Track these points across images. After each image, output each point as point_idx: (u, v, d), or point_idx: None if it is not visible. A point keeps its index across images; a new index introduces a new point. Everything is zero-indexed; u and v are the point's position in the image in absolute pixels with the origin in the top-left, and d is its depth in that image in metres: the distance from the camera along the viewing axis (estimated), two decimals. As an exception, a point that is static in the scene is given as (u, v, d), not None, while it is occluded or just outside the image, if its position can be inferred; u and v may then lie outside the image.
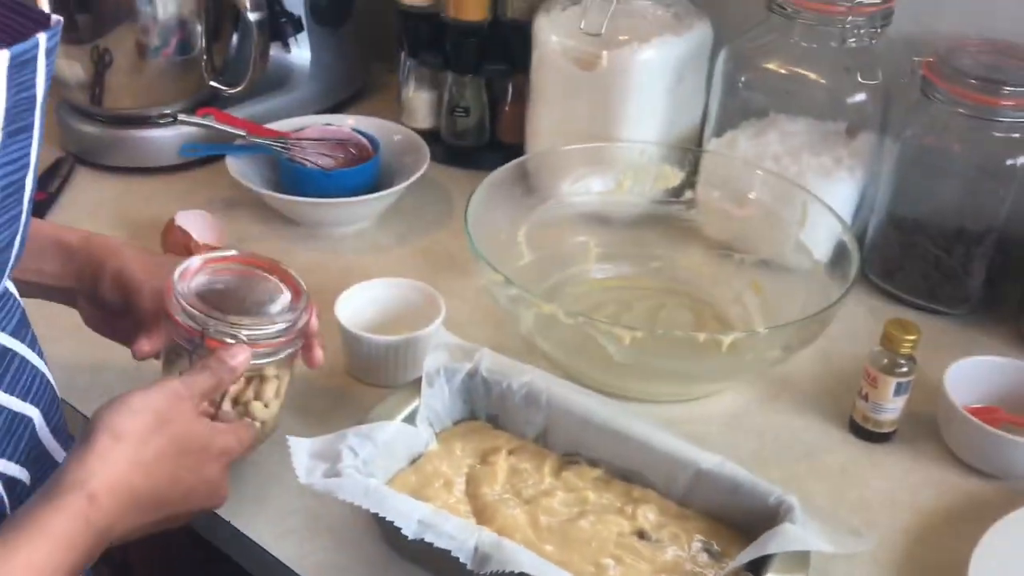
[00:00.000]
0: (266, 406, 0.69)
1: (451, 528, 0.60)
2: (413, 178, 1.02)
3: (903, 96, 0.94)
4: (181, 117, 0.97)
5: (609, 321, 0.74)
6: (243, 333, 0.65)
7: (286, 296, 0.69)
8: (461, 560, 0.59)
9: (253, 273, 0.71)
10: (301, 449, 0.65)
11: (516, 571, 0.57)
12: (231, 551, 0.72)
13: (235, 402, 0.68)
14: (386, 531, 0.66)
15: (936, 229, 0.94)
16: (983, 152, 0.89)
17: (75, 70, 1.08)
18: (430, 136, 1.15)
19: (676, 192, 0.99)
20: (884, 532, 0.73)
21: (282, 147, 1.02)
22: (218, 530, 0.72)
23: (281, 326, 0.67)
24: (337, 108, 1.23)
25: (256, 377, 0.68)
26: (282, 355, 0.69)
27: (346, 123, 1.08)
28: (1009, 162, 0.88)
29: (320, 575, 0.67)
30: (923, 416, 0.83)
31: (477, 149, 1.16)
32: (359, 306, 0.85)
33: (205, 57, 1.10)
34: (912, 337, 0.76)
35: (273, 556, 0.69)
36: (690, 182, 0.99)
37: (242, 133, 1.03)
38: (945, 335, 0.94)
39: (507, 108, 1.14)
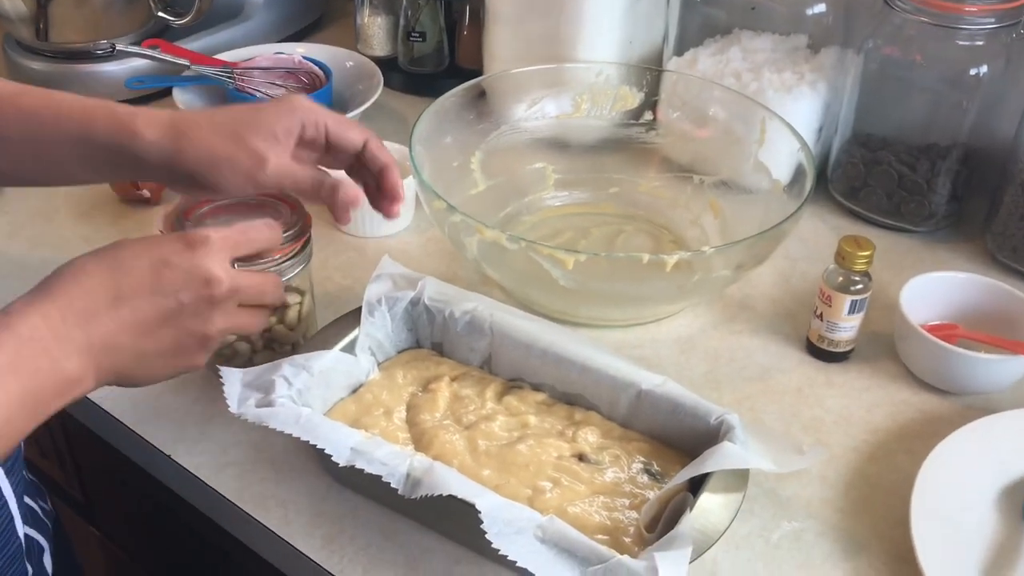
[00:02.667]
0: (291, 329, 0.71)
1: (382, 455, 0.59)
2: (366, 105, 0.99)
3: (865, 7, 0.91)
4: (120, 47, 0.95)
5: (552, 245, 0.72)
6: None
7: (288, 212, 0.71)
8: (392, 486, 0.58)
9: (258, 205, 0.71)
10: (233, 379, 0.64)
11: (446, 494, 0.56)
12: (173, 485, 0.72)
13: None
14: (325, 461, 0.65)
15: (901, 145, 0.91)
16: (946, 62, 0.86)
17: (17, 4, 1.05)
18: (388, 64, 1.13)
19: (635, 114, 0.97)
20: (836, 451, 0.72)
21: (229, 77, 0.99)
22: (159, 464, 0.71)
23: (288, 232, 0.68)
24: (294, 39, 1.20)
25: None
26: (290, 268, 0.69)
27: (296, 51, 1.05)
28: (972, 71, 0.85)
29: (260, 506, 0.67)
30: (882, 335, 0.81)
31: (436, 76, 1.12)
32: None
33: (152, -13, 1.07)
34: (866, 253, 0.74)
35: (213, 488, 0.68)
36: (649, 103, 0.96)
37: (186, 63, 1.00)
38: (910, 253, 0.92)
39: (465, 32, 1.11)
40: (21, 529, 0.63)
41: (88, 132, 0.65)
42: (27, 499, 0.66)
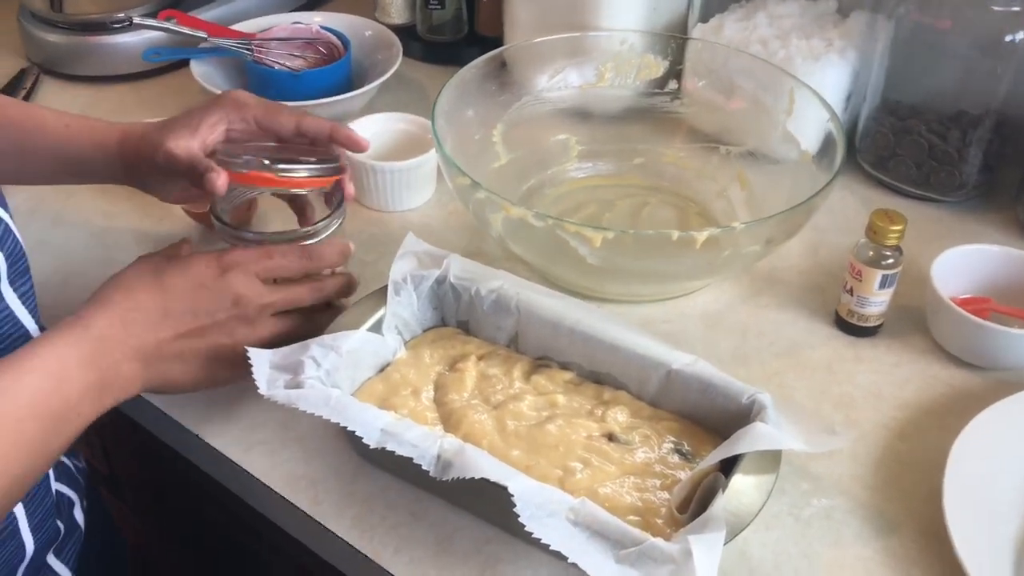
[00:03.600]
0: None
1: (413, 436, 0.59)
2: (386, 76, 0.98)
3: (897, -29, 0.89)
4: (137, 20, 0.93)
5: (580, 222, 0.71)
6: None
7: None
8: (423, 468, 0.58)
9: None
10: (262, 360, 0.64)
11: (478, 476, 0.56)
12: (200, 463, 0.72)
13: None
14: (353, 441, 0.64)
15: (931, 113, 0.89)
16: (980, 28, 0.84)
17: (31, -25, 1.03)
18: (406, 32, 1.11)
19: (660, 83, 0.95)
20: (866, 428, 0.71)
21: (247, 49, 0.98)
22: (187, 442, 0.71)
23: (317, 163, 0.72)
24: (310, 6, 1.18)
25: None
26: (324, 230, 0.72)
27: (314, 21, 1.04)
28: (1008, 38, 0.83)
29: (289, 486, 0.67)
30: (912, 309, 0.80)
31: (455, 44, 1.11)
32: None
33: (166, -42, 1.05)
34: (898, 227, 0.73)
35: (242, 468, 0.68)
36: (674, 72, 0.94)
37: (204, 35, 0.98)
38: (940, 224, 0.90)
39: None
40: (54, 486, 0.66)
41: (66, 145, 0.73)
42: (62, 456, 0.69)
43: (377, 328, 0.70)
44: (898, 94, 0.91)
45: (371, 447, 0.59)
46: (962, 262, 0.78)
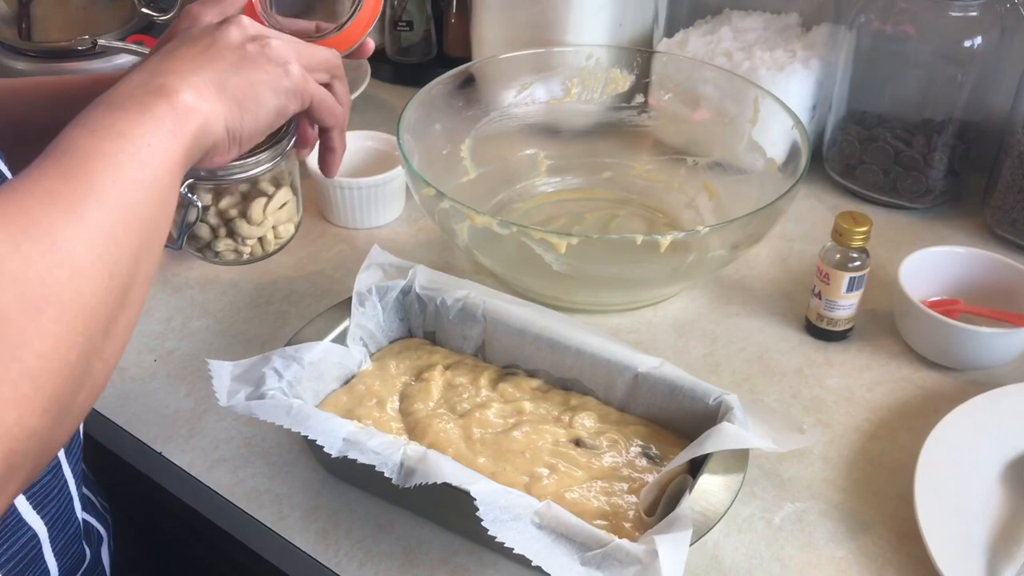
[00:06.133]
0: (253, 224, 0.71)
1: (376, 444, 0.58)
2: (354, 95, 0.98)
3: (857, -19, 0.90)
4: (102, 43, 0.93)
5: (544, 229, 0.70)
6: None
7: None
8: (386, 475, 0.57)
9: None
10: (223, 372, 0.63)
11: (440, 481, 0.55)
12: (164, 482, 0.71)
13: (224, 219, 0.70)
14: (318, 453, 0.64)
15: (896, 121, 0.90)
16: (940, 35, 0.85)
17: (-1, 4, 1.04)
18: (376, 55, 1.10)
19: (626, 97, 0.95)
20: (837, 430, 0.71)
21: (214, 71, 0.98)
22: (150, 461, 0.70)
23: None
24: (280, 32, 1.18)
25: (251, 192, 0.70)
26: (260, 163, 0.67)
27: (282, 44, 1.04)
28: (967, 43, 0.84)
29: (255, 502, 0.65)
30: (881, 313, 0.80)
31: (424, 65, 1.11)
32: None
33: (134, -18, 1.06)
34: (863, 229, 0.73)
35: (206, 485, 0.67)
36: (641, 86, 0.95)
37: (171, 58, 0.98)
38: (908, 230, 0.91)
39: (452, 20, 1.10)
40: (80, 514, 0.63)
41: (63, 86, 0.68)
42: (84, 489, 0.66)
43: (341, 340, 0.69)
44: (863, 103, 0.92)
45: (333, 456, 0.58)
46: (929, 264, 0.78)
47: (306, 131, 0.68)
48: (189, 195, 0.66)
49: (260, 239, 0.74)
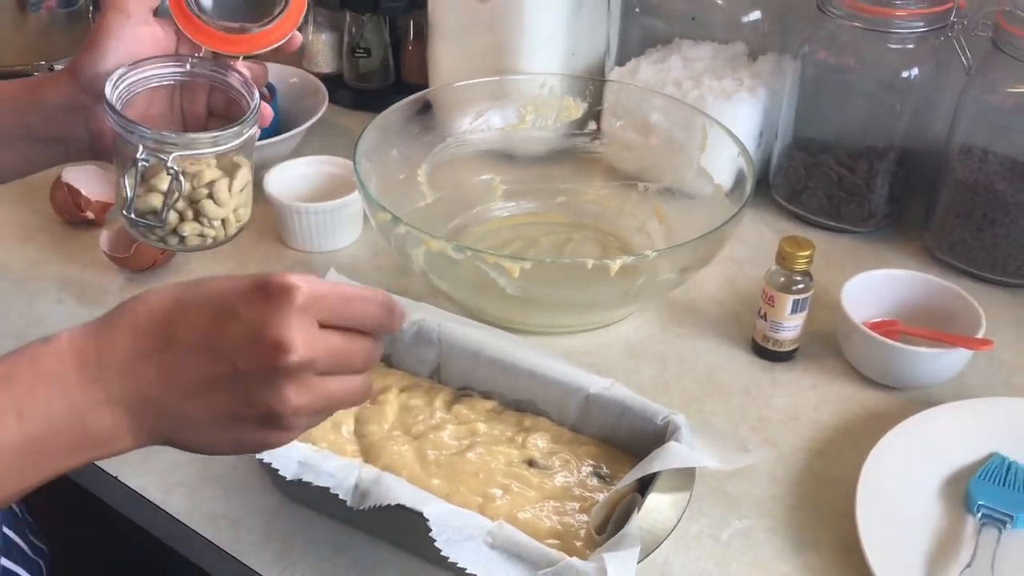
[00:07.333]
0: (220, 206, 0.66)
1: (330, 467, 0.59)
2: (311, 121, 0.99)
3: (800, 14, 0.93)
4: (59, 68, 0.93)
5: (498, 254, 0.72)
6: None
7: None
8: (341, 497, 0.58)
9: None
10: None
11: (394, 503, 0.56)
12: (121, 508, 0.70)
13: (191, 201, 0.65)
14: (274, 478, 0.64)
15: (840, 148, 0.93)
16: (879, 66, 0.88)
17: (-47, 29, 1.04)
18: (334, 81, 1.13)
19: (580, 124, 0.98)
20: (784, 449, 0.73)
21: (172, 97, 0.98)
22: (106, 486, 0.70)
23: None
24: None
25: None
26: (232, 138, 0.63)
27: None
28: (904, 74, 0.87)
29: (211, 525, 0.66)
30: (826, 335, 0.83)
31: (382, 91, 1.13)
32: (286, 182, 0.92)
33: (91, 8, 1.06)
34: (806, 253, 0.76)
35: (163, 510, 0.67)
36: (593, 113, 0.97)
37: (129, 84, 0.99)
38: (852, 254, 0.94)
39: (410, 48, 1.12)
40: (1, 560, 0.60)
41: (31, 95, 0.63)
42: (7, 530, 0.64)
43: (298, 363, 0.70)
44: (808, 131, 0.95)
45: (288, 479, 0.59)
46: (870, 286, 0.81)
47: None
48: (174, 168, 0.63)
49: (223, 220, 0.68)
